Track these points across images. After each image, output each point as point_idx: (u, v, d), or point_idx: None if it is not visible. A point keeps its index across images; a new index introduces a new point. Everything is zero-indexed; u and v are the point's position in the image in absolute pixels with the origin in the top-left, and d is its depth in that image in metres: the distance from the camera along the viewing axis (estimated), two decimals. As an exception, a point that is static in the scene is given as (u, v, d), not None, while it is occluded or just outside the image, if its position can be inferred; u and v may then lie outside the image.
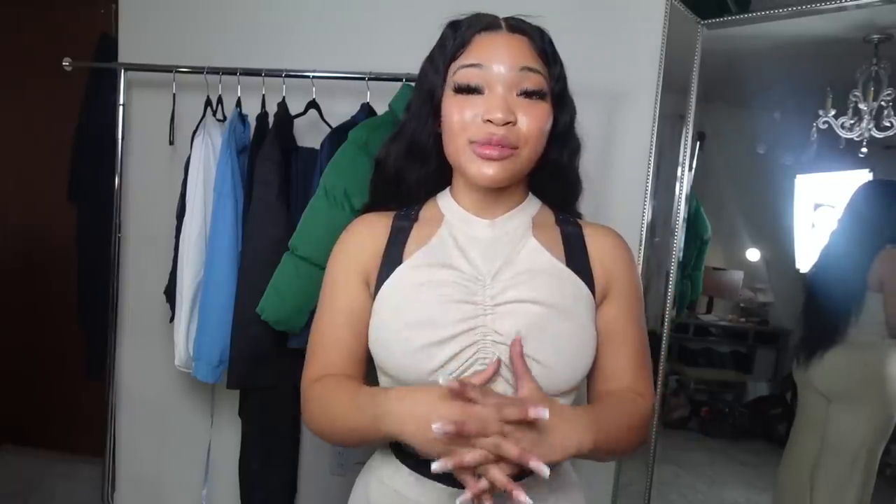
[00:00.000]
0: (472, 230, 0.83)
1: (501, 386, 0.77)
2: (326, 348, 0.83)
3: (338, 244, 0.88)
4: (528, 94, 0.76)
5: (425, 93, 0.83)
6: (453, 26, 0.81)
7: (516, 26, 0.79)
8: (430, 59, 0.83)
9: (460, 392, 0.66)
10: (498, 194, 0.83)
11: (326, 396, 0.80)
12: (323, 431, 0.82)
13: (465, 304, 0.77)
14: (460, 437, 0.65)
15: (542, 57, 0.79)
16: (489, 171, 0.76)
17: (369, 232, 0.86)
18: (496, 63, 0.76)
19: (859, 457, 1.74)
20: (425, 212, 0.88)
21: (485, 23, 0.79)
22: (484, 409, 0.67)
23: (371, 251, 0.84)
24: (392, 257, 0.82)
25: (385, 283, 0.80)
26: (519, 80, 0.76)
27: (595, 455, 0.75)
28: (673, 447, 1.97)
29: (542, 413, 0.64)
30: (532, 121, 0.76)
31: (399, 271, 0.81)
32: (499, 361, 0.74)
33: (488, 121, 0.75)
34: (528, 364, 0.76)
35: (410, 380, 0.77)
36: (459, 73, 0.77)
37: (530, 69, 0.76)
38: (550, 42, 0.81)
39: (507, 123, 0.74)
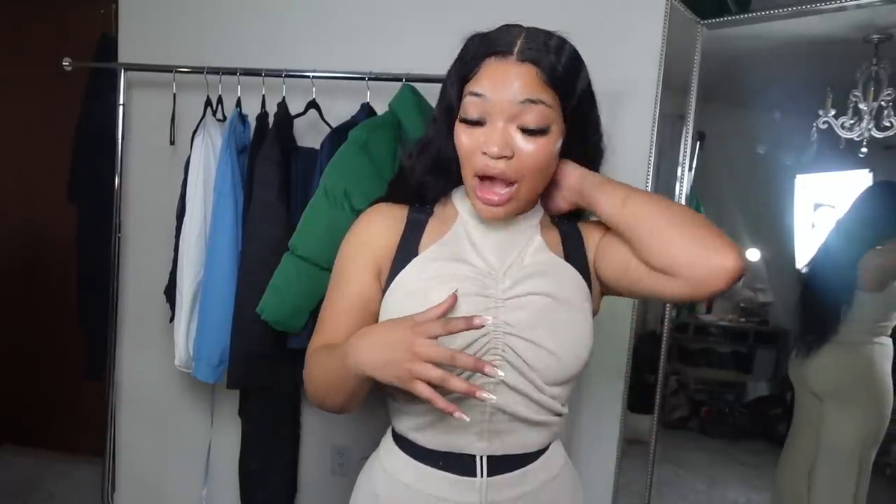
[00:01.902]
0: (486, 229, 0.86)
1: (511, 374, 0.80)
2: (332, 326, 0.85)
3: (353, 230, 0.89)
4: (527, 132, 0.77)
5: (446, 109, 0.85)
6: (471, 40, 0.82)
7: (526, 55, 0.76)
8: (449, 75, 0.84)
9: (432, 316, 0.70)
10: None
11: (318, 358, 0.82)
12: (317, 392, 0.83)
13: (478, 297, 0.80)
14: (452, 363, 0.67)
15: (551, 84, 0.77)
16: (492, 211, 0.80)
17: (386, 223, 0.87)
18: (499, 94, 0.76)
19: (852, 456, 1.74)
20: (440, 207, 0.91)
21: (496, 47, 0.78)
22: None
23: (386, 241, 0.85)
24: (408, 249, 0.85)
25: (401, 273, 0.83)
26: (519, 113, 0.76)
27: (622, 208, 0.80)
28: (673, 447, 1.97)
29: (486, 320, 0.67)
30: (530, 156, 0.77)
31: (415, 263, 0.83)
32: (456, 295, 0.74)
33: (486, 153, 0.77)
34: (538, 353, 0.79)
35: None
36: (465, 101, 0.79)
37: (532, 101, 0.75)
38: (570, 59, 0.79)
39: (504, 157, 0.76)
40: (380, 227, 0.87)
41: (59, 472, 2.51)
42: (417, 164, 0.89)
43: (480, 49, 0.79)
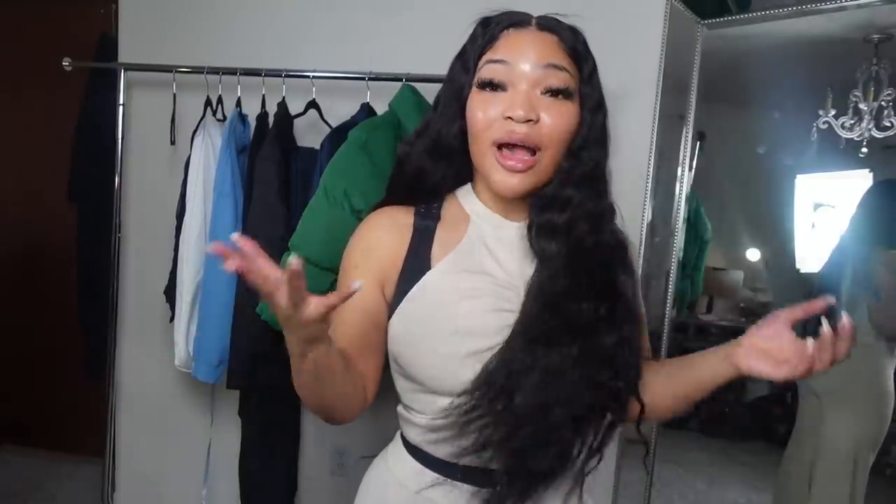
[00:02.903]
0: (502, 233, 0.81)
1: None
2: (334, 336, 0.79)
3: (358, 236, 0.83)
4: (553, 93, 0.74)
5: (454, 90, 0.80)
6: (484, 23, 0.79)
7: (546, 24, 0.77)
8: (460, 55, 0.80)
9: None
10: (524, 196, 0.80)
11: None
12: (300, 391, 0.77)
13: (503, 312, 0.76)
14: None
15: (571, 56, 0.76)
16: (512, 181, 0.74)
17: (392, 230, 0.81)
18: (521, 59, 0.74)
19: (848, 456, 1.74)
20: (448, 210, 0.84)
21: (514, 20, 0.77)
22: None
23: (394, 251, 0.80)
24: (418, 260, 0.79)
25: (416, 288, 0.77)
26: (544, 77, 0.73)
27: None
28: (673, 447, 1.97)
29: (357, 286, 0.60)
30: (556, 120, 0.73)
31: (431, 276, 0.77)
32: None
33: (509, 118, 0.72)
34: None
35: (447, 388, 0.75)
36: (484, 68, 0.76)
37: (556, 66, 0.74)
38: (584, 43, 0.78)
39: (529, 121, 0.72)
40: (385, 235, 0.81)
41: (60, 472, 2.51)
42: (415, 148, 0.83)
43: (497, 26, 0.77)
